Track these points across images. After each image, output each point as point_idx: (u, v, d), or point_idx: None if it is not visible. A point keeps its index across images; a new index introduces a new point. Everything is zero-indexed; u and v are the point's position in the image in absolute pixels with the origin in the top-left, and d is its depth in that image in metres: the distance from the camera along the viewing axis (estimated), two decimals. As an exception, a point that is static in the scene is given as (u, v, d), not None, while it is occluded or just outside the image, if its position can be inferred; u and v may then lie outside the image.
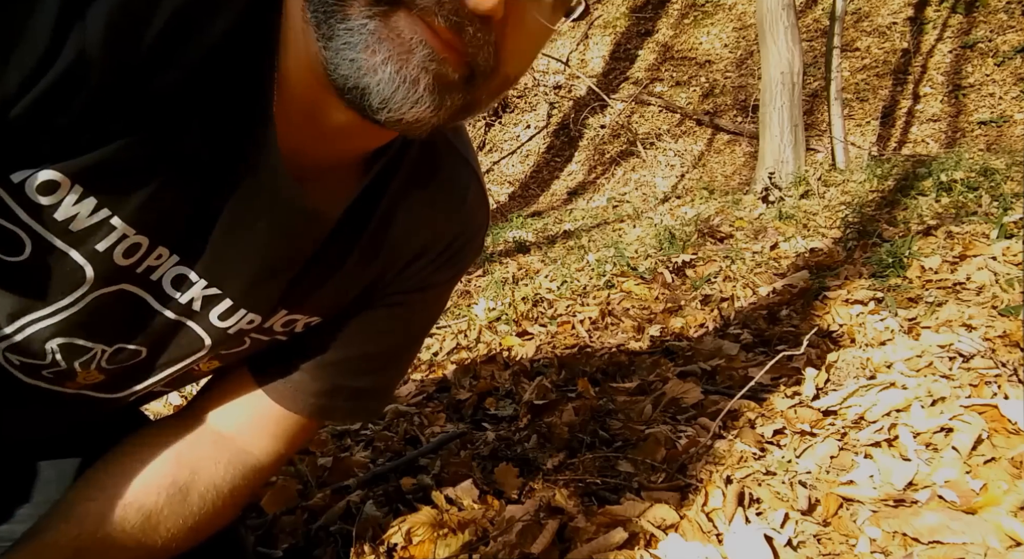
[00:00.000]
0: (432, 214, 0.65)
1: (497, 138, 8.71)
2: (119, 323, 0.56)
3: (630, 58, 8.92)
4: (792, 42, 4.80)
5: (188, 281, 0.56)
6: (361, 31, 0.42)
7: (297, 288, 0.61)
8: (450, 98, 0.45)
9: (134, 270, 0.53)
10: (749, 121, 7.47)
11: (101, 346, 0.57)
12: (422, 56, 0.43)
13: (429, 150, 0.63)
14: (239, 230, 0.54)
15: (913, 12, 7.98)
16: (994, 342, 1.43)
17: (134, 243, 0.51)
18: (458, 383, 1.79)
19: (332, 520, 1.11)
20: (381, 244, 0.63)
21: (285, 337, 0.67)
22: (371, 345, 0.70)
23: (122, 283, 0.54)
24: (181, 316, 0.58)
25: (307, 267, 0.60)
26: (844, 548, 0.91)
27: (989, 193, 2.99)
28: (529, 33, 0.47)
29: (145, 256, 0.53)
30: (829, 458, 1.12)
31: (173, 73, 0.45)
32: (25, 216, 0.47)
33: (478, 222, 0.71)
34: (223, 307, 0.59)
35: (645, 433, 1.27)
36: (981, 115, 6.79)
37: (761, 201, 4.05)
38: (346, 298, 0.66)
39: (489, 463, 1.26)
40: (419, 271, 0.68)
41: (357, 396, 0.72)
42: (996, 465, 1.00)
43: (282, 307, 0.62)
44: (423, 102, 0.44)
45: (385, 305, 0.68)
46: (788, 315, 2.00)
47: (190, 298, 0.57)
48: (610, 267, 2.92)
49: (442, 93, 0.45)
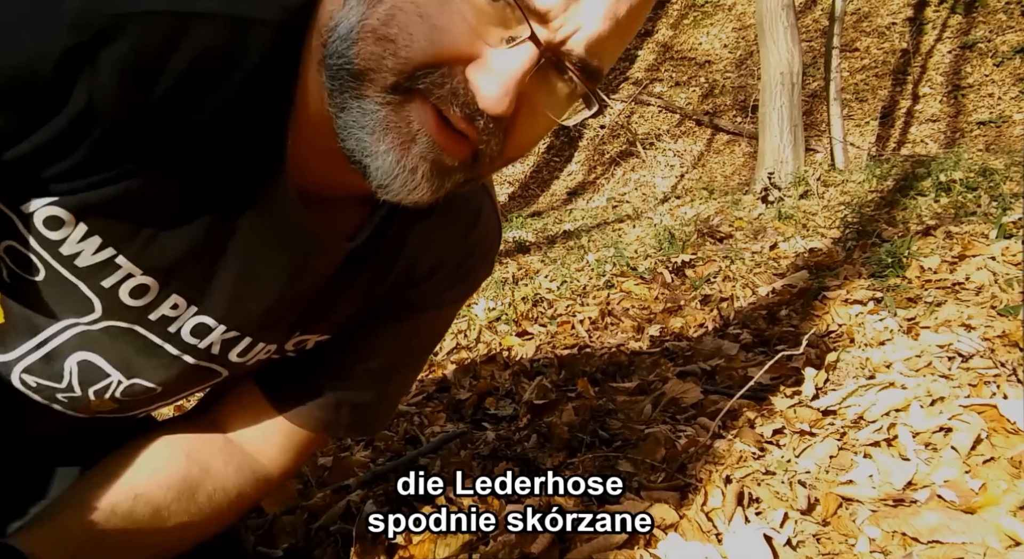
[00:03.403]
0: (444, 234, 0.66)
1: (497, 138, 8.70)
2: (136, 357, 0.57)
3: (630, 58, 8.92)
4: (792, 42, 4.81)
5: (208, 329, 0.56)
6: (373, 116, 0.43)
7: (310, 311, 0.62)
8: (450, 180, 0.47)
9: (146, 315, 0.53)
10: (749, 121, 7.47)
11: (119, 376, 0.57)
12: (423, 145, 0.44)
13: None
14: (255, 269, 0.54)
15: (913, 12, 7.98)
16: (993, 342, 1.43)
17: (141, 284, 0.51)
18: (458, 383, 1.79)
19: (332, 520, 1.12)
20: (393, 264, 0.64)
21: (295, 353, 0.67)
22: (377, 361, 0.70)
23: (135, 325, 0.54)
24: (200, 360, 0.59)
25: (320, 293, 0.61)
26: (843, 548, 0.91)
27: (988, 193, 2.99)
28: (537, 123, 0.49)
29: (157, 302, 0.53)
30: (828, 458, 1.12)
31: (186, 122, 0.45)
32: (36, 246, 0.48)
33: (489, 241, 0.71)
34: (243, 346, 0.59)
35: (645, 433, 1.27)
36: (980, 115, 6.79)
37: (760, 201, 4.05)
38: (356, 316, 0.67)
39: (489, 463, 1.26)
40: (430, 290, 0.68)
41: (360, 411, 0.72)
42: (995, 465, 1.00)
43: (296, 330, 0.63)
44: (420, 189, 0.46)
45: (393, 321, 0.69)
46: (788, 315, 2.00)
47: (209, 343, 0.58)
48: (610, 267, 2.92)
49: (441, 177, 0.46)
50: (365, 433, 0.77)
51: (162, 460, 0.64)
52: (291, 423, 0.69)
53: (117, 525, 0.59)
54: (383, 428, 1.51)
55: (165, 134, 0.45)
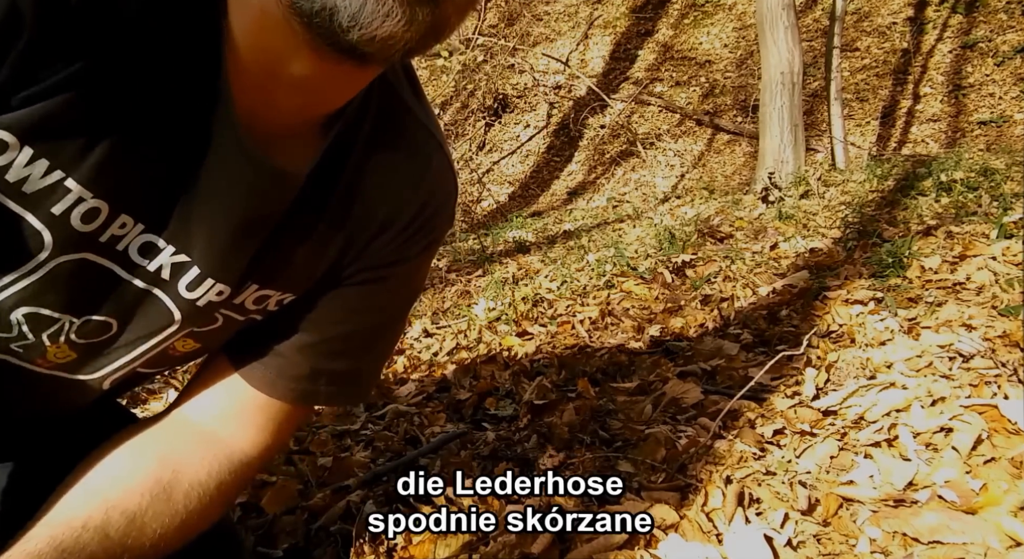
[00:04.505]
0: (396, 181, 0.64)
1: (497, 138, 8.70)
2: (85, 293, 0.55)
3: (630, 58, 8.92)
4: (792, 42, 4.80)
5: (156, 248, 0.55)
6: None
7: (266, 260, 0.60)
8: (420, 10, 0.43)
9: (96, 238, 0.52)
10: (749, 121, 7.47)
11: (68, 317, 0.56)
12: None
13: (389, 116, 0.62)
14: (204, 193, 0.53)
15: (913, 12, 7.98)
16: (994, 342, 1.43)
17: (92, 207, 0.50)
18: (458, 383, 1.79)
19: (332, 520, 1.12)
20: (348, 212, 0.62)
21: (259, 315, 0.65)
22: (349, 325, 0.68)
23: (84, 252, 0.53)
24: (149, 285, 0.57)
25: (275, 236, 0.59)
26: (844, 548, 0.91)
27: (989, 193, 2.99)
28: None
29: (107, 223, 0.52)
30: (829, 458, 1.12)
31: (111, 21, 0.44)
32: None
33: (446, 190, 0.69)
34: (191, 276, 0.57)
35: (645, 433, 1.27)
36: (981, 115, 6.79)
37: (761, 201, 4.04)
38: (317, 271, 0.65)
39: (489, 463, 1.26)
40: (389, 242, 0.66)
41: (338, 379, 0.70)
42: (996, 465, 1.00)
43: (252, 281, 0.61)
44: (394, 14, 0.42)
45: (359, 282, 0.67)
46: (788, 315, 1.99)
47: (158, 265, 0.56)
48: (610, 267, 2.92)
49: (411, 3, 0.42)
50: (347, 402, 0.75)
51: (130, 465, 0.62)
52: (266, 396, 0.67)
53: (93, 539, 0.57)
54: (366, 398, 1.47)
55: (92, 36, 0.44)
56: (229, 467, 0.67)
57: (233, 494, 0.70)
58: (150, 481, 0.62)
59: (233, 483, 0.68)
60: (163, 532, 0.62)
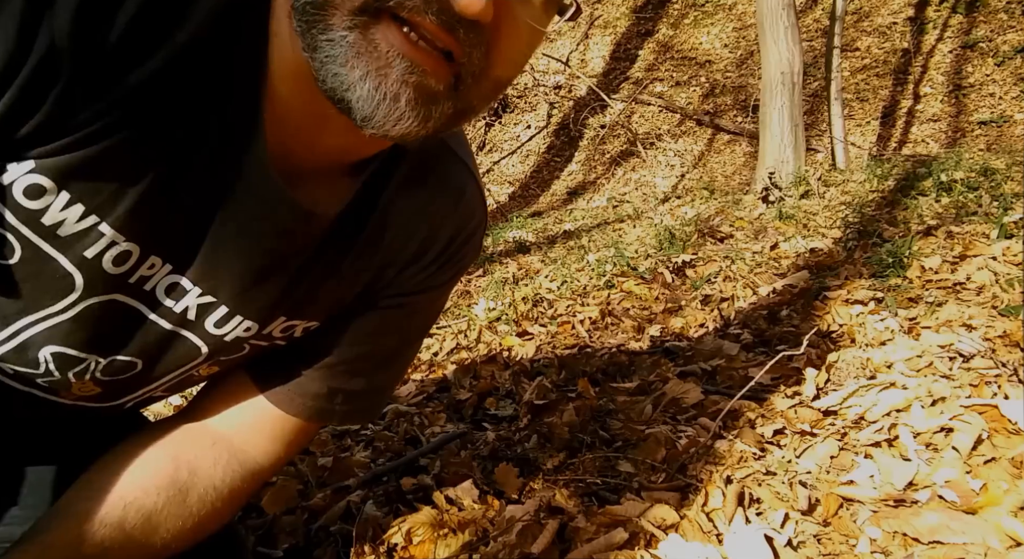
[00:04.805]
0: (429, 215, 0.65)
1: (497, 138, 8.70)
2: (112, 334, 0.56)
3: (630, 58, 8.92)
4: (792, 42, 4.80)
5: (181, 289, 0.55)
6: (341, 44, 0.41)
7: (294, 293, 0.61)
8: (437, 109, 0.44)
9: (126, 280, 0.53)
10: (749, 121, 7.47)
11: (95, 357, 0.57)
12: (401, 70, 0.42)
13: (424, 152, 0.63)
14: (231, 234, 0.54)
15: (913, 12, 7.98)
16: (994, 342, 1.43)
17: (124, 251, 0.51)
18: (458, 383, 1.79)
19: (332, 520, 1.11)
20: (377, 247, 0.63)
21: (284, 342, 0.66)
22: (368, 346, 0.69)
23: (114, 293, 0.53)
24: (176, 326, 0.58)
25: (303, 271, 0.60)
26: (844, 548, 0.91)
27: (989, 193, 2.99)
28: (520, 35, 0.46)
29: (137, 265, 0.52)
30: (829, 458, 1.12)
31: (148, 67, 0.45)
32: (13, 219, 0.47)
33: (476, 221, 0.70)
34: (218, 315, 0.58)
35: (645, 433, 1.27)
36: (981, 115, 6.79)
37: (761, 201, 4.04)
38: (344, 302, 0.66)
39: (489, 463, 1.26)
40: (418, 272, 0.67)
41: (354, 399, 0.71)
42: (996, 465, 1.00)
43: (280, 314, 0.62)
44: (406, 118, 0.43)
45: (383, 307, 0.68)
46: (788, 315, 1.99)
47: (184, 307, 0.57)
48: (610, 267, 2.92)
49: (427, 105, 0.44)
50: (360, 420, 0.76)
51: (149, 464, 0.63)
52: (282, 411, 0.68)
53: (108, 535, 0.58)
54: (377, 416, 1.50)
55: (130, 84, 0.44)
56: (242, 474, 0.68)
57: (243, 500, 0.71)
58: (166, 482, 0.63)
59: (244, 489, 0.69)
60: (176, 532, 0.63)
